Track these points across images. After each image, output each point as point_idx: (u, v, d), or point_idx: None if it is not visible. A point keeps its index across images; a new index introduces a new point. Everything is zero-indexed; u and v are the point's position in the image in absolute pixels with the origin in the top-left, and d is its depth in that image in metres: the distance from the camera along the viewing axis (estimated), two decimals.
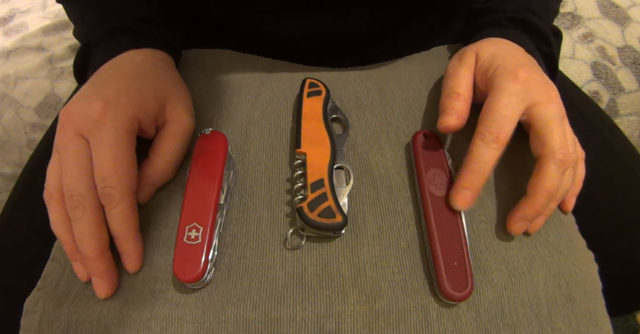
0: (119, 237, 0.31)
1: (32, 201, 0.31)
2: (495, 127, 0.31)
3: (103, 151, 0.31)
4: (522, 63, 0.35)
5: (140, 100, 0.33)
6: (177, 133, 0.35)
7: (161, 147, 0.34)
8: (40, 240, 0.35)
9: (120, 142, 0.31)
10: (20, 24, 0.72)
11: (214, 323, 0.29)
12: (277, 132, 0.38)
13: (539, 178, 0.31)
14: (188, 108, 0.37)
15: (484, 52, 0.37)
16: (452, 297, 0.29)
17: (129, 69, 0.36)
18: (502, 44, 0.38)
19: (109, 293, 0.30)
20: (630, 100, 0.63)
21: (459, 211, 0.32)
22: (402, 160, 0.36)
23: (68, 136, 0.31)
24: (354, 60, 0.48)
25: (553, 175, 0.31)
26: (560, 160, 0.31)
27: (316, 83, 0.40)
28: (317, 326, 0.29)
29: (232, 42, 0.48)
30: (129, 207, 0.31)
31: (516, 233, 0.32)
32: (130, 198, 0.31)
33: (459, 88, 0.35)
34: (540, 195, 0.31)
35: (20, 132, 0.64)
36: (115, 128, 0.31)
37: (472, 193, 0.31)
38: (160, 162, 0.34)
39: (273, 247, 0.32)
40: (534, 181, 0.32)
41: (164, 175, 0.34)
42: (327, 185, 0.33)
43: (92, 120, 0.31)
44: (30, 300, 0.31)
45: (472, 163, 0.31)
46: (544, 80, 0.35)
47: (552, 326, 0.30)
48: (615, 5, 0.66)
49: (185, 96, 0.38)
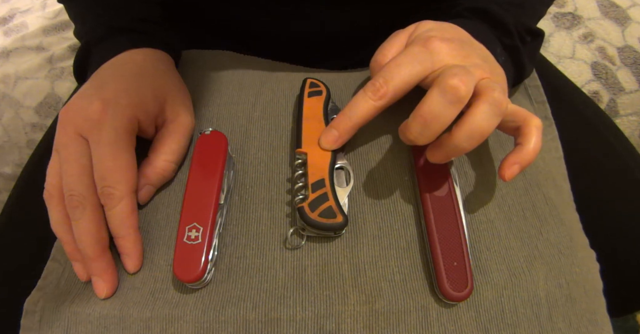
0: (118, 237, 0.31)
1: (32, 201, 0.32)
2: (380, 82, 0.31)
3: (103, 150, 0.31)
4: (447, 38, 0.33)
5: (140, 100, 0.33)
6: (177, 133, 0.35)
7: (161, 146, 0.34)
8: (40, 240, 0.35)
9: (119, 141, 0.31)
10: (20, 24, 0.72)
11: (214, 323, 0.29)
12: (277, 132, 0.38)
13: (418, 105, 0.29)
14: (187, 108, 0.37)
15: (423, 25, 0.36)
16: (452, 297, 0.29)
17: (128, 69, 0.36)
18: (446, 25, 0.36)
19: (109, 293, 0.30)
20: (630, 100, 0.63)
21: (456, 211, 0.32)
22: (402, 160, 0.36)
23: (68, 136, 0.31)
24: (354, 60, 0.48)
25: (432, 100, 0.28)
26: (448, 86, 0.28)
27: (317, 83, 0.40)
28: (317, 326, 0.29)
29: (232, 42, 0.48)
30: (129, 207, 0.31)
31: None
32: (129, 197, 0.31)
33: (386, 52, 0.35)
34: (413, 121, 0.29)
35: (20, 132, 0.64)
36: (114, 127, 0.31)
37: (338, 133, 0.33)
38: (160, 161, 0.34)
39: (273, 247, 0.32)
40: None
41: (164, 174, 0.34)
42: (328, 185, 0.33)
43: (92, 120, 0.31)
44: (30, 300, 0.31)
45: (347, 108, 0.32)
46: (469, 57, 0.33)
47: (553, 326, 0.30)
48: (616, 5, 0.66)
49: (185, 95, 0.38)
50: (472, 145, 0.29)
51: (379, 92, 0.31)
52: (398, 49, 0.35)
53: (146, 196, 0.34)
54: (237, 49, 0.47)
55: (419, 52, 0.31)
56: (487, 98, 0.28)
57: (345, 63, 0.48)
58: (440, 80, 0.28)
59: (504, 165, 0.30)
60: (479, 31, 0.37)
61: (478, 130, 0.28)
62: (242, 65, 0.44)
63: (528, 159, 0.30)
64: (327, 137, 0.33)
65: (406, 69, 0.31)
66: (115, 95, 0.32)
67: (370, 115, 0.32)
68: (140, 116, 0.33)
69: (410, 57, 0.31)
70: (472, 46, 0.35)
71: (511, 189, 0.35)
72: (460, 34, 0.36)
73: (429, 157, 0.32)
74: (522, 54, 0.39)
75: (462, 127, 0.28)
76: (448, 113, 0.28)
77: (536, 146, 0.30)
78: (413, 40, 0.34)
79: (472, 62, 0.32)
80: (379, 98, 0.31)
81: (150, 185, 0.34)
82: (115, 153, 0.31)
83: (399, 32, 0.37)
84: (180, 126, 0.35)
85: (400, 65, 0.31)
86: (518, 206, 0.34)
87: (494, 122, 0.29)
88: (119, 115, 0.32)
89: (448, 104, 0.28)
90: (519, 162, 0.30)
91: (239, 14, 0.47)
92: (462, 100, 0.28)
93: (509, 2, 0.40)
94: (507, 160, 0.31)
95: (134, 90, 0.34)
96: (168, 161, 0.34)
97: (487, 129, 0.28)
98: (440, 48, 0.32)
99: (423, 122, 0.28)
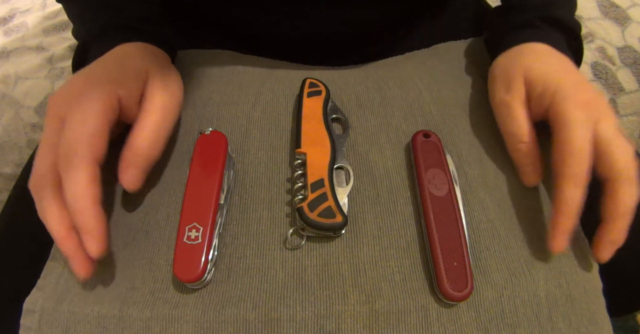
0: (75, 211, 0.28)
1: (32, 201, 0.31)
2: (580, 168, 0.31)
3: (74, 116, 0.30)
4: (576, 82, 0.34)
5: (121, 78, 0.33)
6: (151, 110, 0.33)
7: (136, 125, 0.33)
8: (40, 239, 0.35)
9: (93, 109, 0.30)
10: (20, 24, 0.72)
11: (214, 323, 0.29)
12: (277, 132, 0.38)
13: (616, 202, 0.31)
14: (166, 86, 0.35)
15: (532, 74, 0.36)
16: (452, 297, 0.29)
17: (113, 55, 0.36)
18: (544, 55, 0.38)
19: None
20: (630, 100, 0.63)
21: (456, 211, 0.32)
22: (402, 160, 0.36)
23: (47, 119, 0.31)
24: (355, 59, 0.48)
25: (628, 196, 0.31)
26: (630, 179, 0.31)
27: (316, 83, 0.40)
28: (317, 326, 0.29)
29: (233, 42, 0.48)
30: (89, 176, 0.28)
31: (604, 260, 0.32)
32: (91, 167, 0.29)
33: (523, 136, 0.35)
34: (621, 218, 0.31)
35: (20, 132, 0.64)
36: (90, 98, 0.30)
37: (569, 236, 0.31)
38: (137, 139, 0.32)
39: (273, 247, 0.32)
40: (612, 206, 0.31)
41: (143, 154, 0.32)
42: (327, 185, 0.33)
43: (72, 96, 0.31)
44: (29, 300, 0.31)
45: (566, 207, 0.31)
46: (592, 90, 0.35)
47: (553, 326, 0.30)
48: (615, 5, 0.66)
49: (169, 76, 0.36)
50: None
51: (585, 177, 0.31)
52: (529, 124, 0.35)
53: (132, 180, 0.31)
54: (237, 49, 0.47)
55: (585, 120, 0.32)
56: (625, 181, 0.31)
57: (346, 63, 0.48)
58: (619, 176, 0.31)
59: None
60: (557, 42, 0.39)
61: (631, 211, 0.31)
62: (242, 64, 0.44)
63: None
64: (563, 243, 0.31)
65: (589, 143, 0.32)
66: (96, 73, 0.33)
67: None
68: (121, 93, 0.32)
69: (586, 131, 0.32)
70: (575, 69, 0.37)
71: (511, 189, 0.35)
72: (567, 64, 0.37)
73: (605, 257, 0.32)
74: (582, 52, 0.42)
75: (618, 219, 0.31)
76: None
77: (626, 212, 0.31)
78: (558, 100, 0.34)
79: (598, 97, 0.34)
80: (584, 181, 0.31)
81: (133, 168, 0.32)
82: (85, 117, 0.29)
83: (505, 98, 0.37)
84: (152, 104, 0.34)
85: (585, 142, 0.31)
86: (518, 206, 0.34)
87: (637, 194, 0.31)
88: (98, 89, 0.31)
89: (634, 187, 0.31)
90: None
91: (238, 14, 0.46)
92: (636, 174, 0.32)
93: (566, 1, 0.41)
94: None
95: (115, 70, 0.33)
96: (145, 138, 0.32)
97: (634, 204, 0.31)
98: (589, 102, 0.33)
99: (629, 216, 0.31)
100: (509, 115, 0.36)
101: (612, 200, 0.31)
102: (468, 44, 0.48)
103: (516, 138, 0.35)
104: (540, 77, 0.35)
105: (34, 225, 0.31)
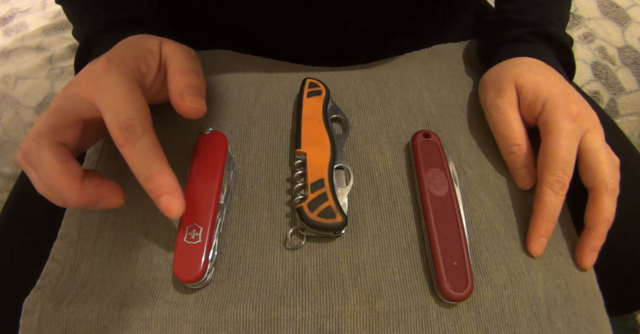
0: (152, 174, 0.28)
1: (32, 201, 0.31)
2: (561, 175, 0.32)
3: (115, 89, 0.29)
4: (566, 93, 0.35)
5: (139, 54, 0.33)
6: (175, 56, 0.34)
7: (169, 75, 0.33)
8: (40, 239, 0.35)
9: (130, 81, 0.29)
10: (20, 24, 0.72)
11: (214, 323, 0.29)
12: (277, 132, 0.38)
13: (597, 211, 0.33)
14: (183, 48, 0.35)
15: (523, 82, 0.36)
16: (452, 297, 0.29)
17: (124, 41, 0.36)
18: (535, 67, 0.38)
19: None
20: (630, 100, 0.63)
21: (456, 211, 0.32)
22: (402, 160, 0.36)
23: (62, 92, 0.30)
24: (356, 60, 0.48)
25: (608, 205, 0.32)
26: (612, 189, 0.32)
27: (316, 83, 0.40)
28: (317, 326, 0.29)
29: (233, 43, 0.48)
30: (154, 140, 0.28)
31: (589, 266, 0.33)
32: (152, 132, 0.28)
33: (516, 139, 0.35)
34: (601, 226, 0.33)
35: (20, 131, 0.64)
36: (120, 71, 0.30)
37: (547, 239, 0.33)
38: (177, 79, 0.32)
39: (273, 247, 0.32)
40: (592, 214, 0.33)
41: (200, 86, 0.33)
42: (327, 185, 0.33)
43: (97, 74, 0.30)
44: (29, 300, 0.31)
45: (545, 212, 0.32)
46: (582, 102, 0.35)
47: (552, 326, 0.30)
48: (616, 5, 0.66)
49: (179, 43, 0.36)
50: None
51: (566, 185, 0.32)
52: (521, 127, 0.36)
53: (203, 104, 0.32)
54: (237, 49, 0.47)
55: (573, 130, 0.33)
56: (607, 191, 0.33)
57: (346, 63, 0.48)
58: (602, 185, 0.33)
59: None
60: (548, 56, 0.39)
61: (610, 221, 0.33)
62: (242, 65, 0.44)
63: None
64: (540, 246, 0.32)
65: (574, 152, 0.33)
66: (115, 54, 0.32)
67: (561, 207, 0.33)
68: (142, 68, 0.32)
69: (573, 140, 0.33)
70: (566, 82, 0.37)
71: (511, 190, 0.35)
72: (558, 76, 0.37)
73: (589, 263, 0.33)
74: (574, 67, 0.42)
75: (599, 226, 0.33)
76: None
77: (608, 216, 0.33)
78: (548, 109, 0.34)
79: (588, 109, 0.35)
80: (564, 189, 0.33)
81: (198, 97, 0.32)
82: (130, 88, 0.29)
83: (496, 101, 0.37)
84: (172, 50, 0.34)
85: (570, 151, 0.33)
86: (518, 206, 0.34)
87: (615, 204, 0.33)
88: (123, 64, 0.31)
89: (615, 198, 0.33)
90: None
91: (241, 17, 0.47)
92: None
93: (558, 16, 0.42)
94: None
95: (131, 49, 0.33)
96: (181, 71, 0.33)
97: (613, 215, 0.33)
98: (579, 113, 0.34)
99: (608, 224, 0.33)
100: (501, 118, 0.36)
101: (594, 208, 0.33)
102: (468, 44, 0.48)
103: (509, 141, 0.36)
104: (532, 85, 0.36)
105: (34, 225, 0.31)
